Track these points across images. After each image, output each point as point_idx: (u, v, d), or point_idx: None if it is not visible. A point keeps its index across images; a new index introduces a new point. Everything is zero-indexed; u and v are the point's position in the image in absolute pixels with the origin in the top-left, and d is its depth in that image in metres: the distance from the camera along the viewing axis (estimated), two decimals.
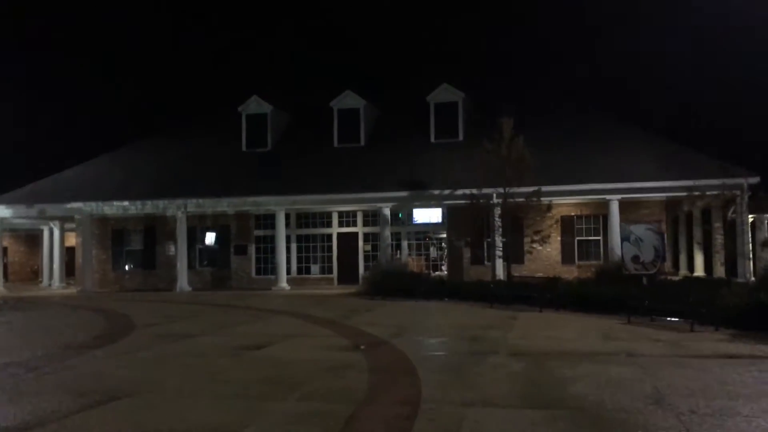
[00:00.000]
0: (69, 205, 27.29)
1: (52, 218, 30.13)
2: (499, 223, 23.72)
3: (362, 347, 10.78)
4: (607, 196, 23.45)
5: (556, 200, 23.84)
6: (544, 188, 21.92)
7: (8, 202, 27.98)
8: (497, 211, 23.64)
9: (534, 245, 23.02)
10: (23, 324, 15.46)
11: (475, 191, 22.76)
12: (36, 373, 9.12)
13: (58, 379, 8.66)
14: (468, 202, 23.40)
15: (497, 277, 23.74)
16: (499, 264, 24.04)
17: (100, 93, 58.60)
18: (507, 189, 21.90)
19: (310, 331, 13.35)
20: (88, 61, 60.42)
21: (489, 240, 25.62)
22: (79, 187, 28.23)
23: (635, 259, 16.08)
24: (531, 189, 21.68)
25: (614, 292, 14.53)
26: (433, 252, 28.46)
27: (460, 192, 23.86)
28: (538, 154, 21.64)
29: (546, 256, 25.81)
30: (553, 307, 16.29)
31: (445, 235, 28.01)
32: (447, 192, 24.68)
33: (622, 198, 23.49)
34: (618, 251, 23.09)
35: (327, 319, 15.38)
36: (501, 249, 23.63)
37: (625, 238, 16.52)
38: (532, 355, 9.77)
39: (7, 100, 53.83)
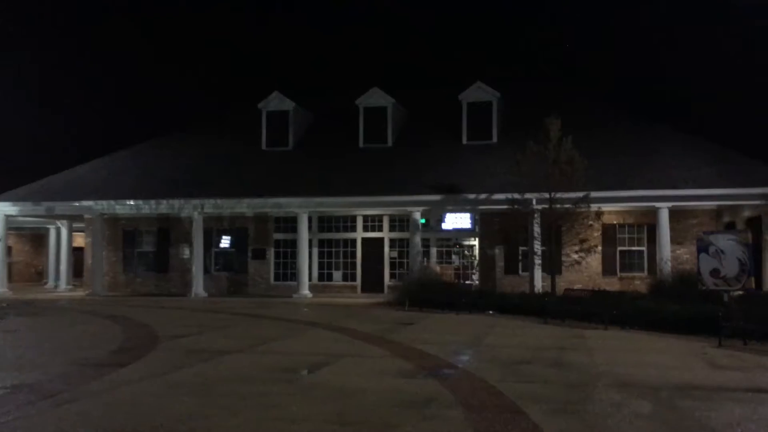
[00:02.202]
0: (79, 204, 25.75)
1: (61, 217, 28.60)
2: (538, 231, 22.21)
3: (437, 373, 9.19)
4: (657, 204, 21.87)
5: (602, 207, 22.25)
6: (591, 194, 20.36)
7: (15, 199, 26.44)
8: (537, 217, 22.17)
9: (577, 255, 21.36)
10: (31, 334, 13.88)
11: (517, 196, 21.19)
12: (52, 401, 7.54)
13: (81, 411, 7.08)
14: (507, 207, 21.85)
15: (535, 289, 22.22)
16: (538, 274, 22.49)
17: (116, 89, 56.99)
18: (553, 194, 20.33)
19: (359, 349, 11.75)
20: (104, 56, 58.96)
21: (525, 249, 24.07)
22: (91, 185, 26.69)
23: (714, 273, 14.45)
24: (577, 195, 20.15)
25: (705, 311, 12.90)
26: (459, 260, 26.82)
27: (499, 196, 22.33)
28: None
29: (586, 267, 24.14)
30: (618, 325, 14.70)
31: (475, 243, 26.44)
32: (483, 196, 23.12)
33: (673, 206, 21.93)
34: (667, 263, 21.64)
35: (370, 333, 13.80)
36: (540, 258, 22.11)
37: (702, 249, 14.88)
38: (644, 389, 8.17)
39: (20, 95, 52.37)
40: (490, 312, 18.39)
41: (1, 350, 11.36)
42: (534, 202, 21.73)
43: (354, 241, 26.81)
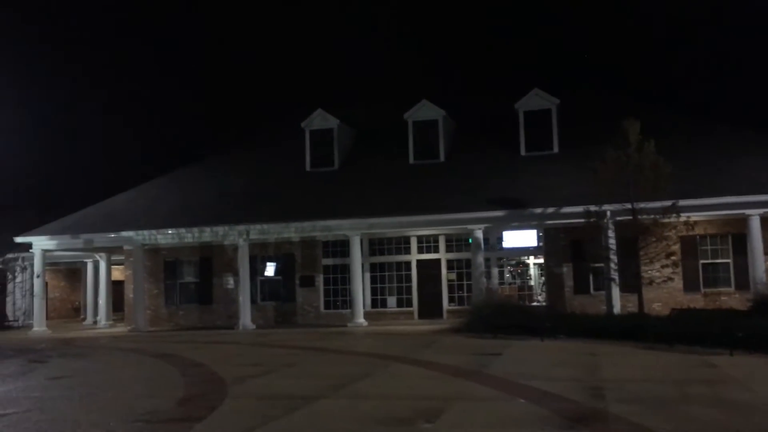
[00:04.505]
0: (119, 235, 24.44)
1: (99, 250, 27.32)
2: (613, 245, 20.38)
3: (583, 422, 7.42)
4: (748, 211, 19.91)
5: (691, 217, 20.27)
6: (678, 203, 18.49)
7: (52, 233, 25.21)
8: (612, 230, 20.37)
9: (670, 271, 19.38)
10: (80, 380, 12.33)
11: (593, 207, 19.39)
12: None
13: None
14: (579, 221, 20.09)
15: (614, 309, 20.36)
16: (616, 293, 20.61)
17: (153, 114, 55.91)
18: (635, 204, 18.50)
19: (462, 389, 10.00)
20: (140, 79, 58.22)
21: (596, 266, 22.24)
22: (130, 214, 25.41)
23: None
24: (663, 203, 18.30)
25: None
26: (523, 280, 25.00)
27: (570, 209, 20.59)
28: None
29: (665, 283, 22.08)
30: (741, 349, 12.77)
31: (539, 261, 24.65)
32: (551, 210, 21.33)
33: (764, 212, 19.98)
34: (762, 275, 19.64)
35: (460, 368, 12.05)
36: (617, 276, 20.26)
37: None
38: None
39: (55, 125, 51.73)
40: (581, 338, 16.44)
41: (51, 404, 9.80)
42: (609, 214, 19.98)
43: (408, 263, 25.10)
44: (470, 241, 24.01)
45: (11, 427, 8.05)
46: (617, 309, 20.42)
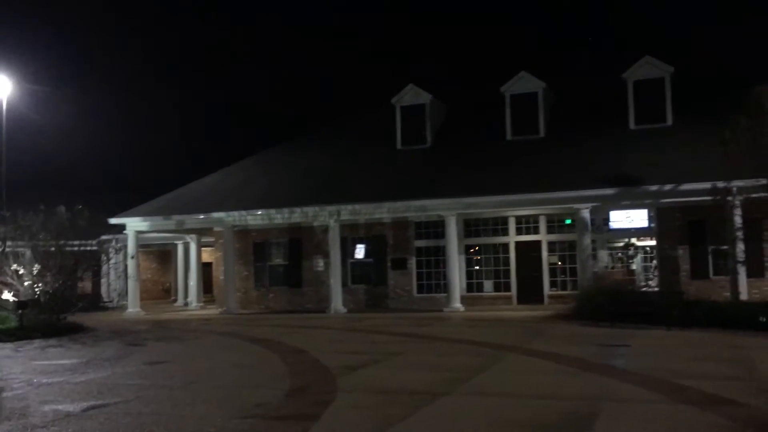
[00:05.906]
0: (209, 216, 24.16)
1: (189, 231, 27.24)
2: (740, 225, 18.49)
3: None
4: None
5: None
6: None
7: (145, 214, 25.22)
8: (737, 209, 18.47)
9: None
10: (179, 367, 11.72)
11: (720, 184, 17.52)
12: None
13: None
14: (706, 198, 18.26)
15: (740, 296, 18.48)
16: (743, 279, 18.72)
17: (239, 95, 55.91)
18: None
19: (601, 386, 8.73)
20: (226, 61, 58.45)
21: (716, 248, 20.39)
22: (219, 195, 25.10)
23: None
24: None
25: None
26: (634, 263, 23.12)
27: (691, 186, 18.81)
28: None
29: None
30: None
31: (644, 242, 22.81)
32: (669, 187, 19.55)
33: None
34: None
35: (587, 360, 10.76)
36: (743, 259, 18.36)
37: None
38: None
39: (143, 107, 52.68)
40: (714, 327, 14.71)
41: (152, 393, 9.13)
42: (735, 190, 18.07)
43: (506, 246, 23.73)
44: (567, 222, 22.61)
45: (112, 421, 7.36)
46: (744, 296, 18.55)
